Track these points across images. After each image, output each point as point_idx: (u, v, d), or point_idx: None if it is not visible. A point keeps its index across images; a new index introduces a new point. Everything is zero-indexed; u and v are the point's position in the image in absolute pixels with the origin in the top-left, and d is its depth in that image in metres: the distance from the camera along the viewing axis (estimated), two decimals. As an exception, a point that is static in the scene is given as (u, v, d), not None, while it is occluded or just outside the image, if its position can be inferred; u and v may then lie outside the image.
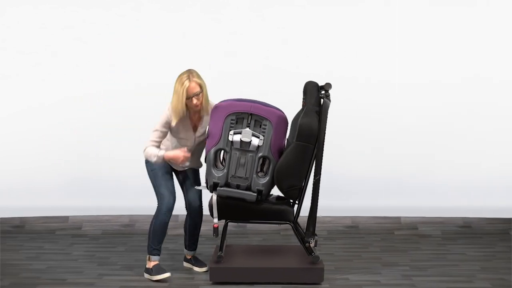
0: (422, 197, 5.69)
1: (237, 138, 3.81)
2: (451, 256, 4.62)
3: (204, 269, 4.24)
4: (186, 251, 4.32)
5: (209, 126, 3.92)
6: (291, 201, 4.02)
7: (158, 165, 4.01)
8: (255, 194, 3.87)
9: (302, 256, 4.14)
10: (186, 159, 3.92)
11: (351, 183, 5.73)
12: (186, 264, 4.35)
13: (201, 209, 4.19)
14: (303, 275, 3.90)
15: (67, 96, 5.72)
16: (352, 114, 5.71)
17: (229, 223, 5.04)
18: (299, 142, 3.80)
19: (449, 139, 5.76)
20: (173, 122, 3.92)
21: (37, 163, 5.74)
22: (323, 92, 3.88)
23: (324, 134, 3.81)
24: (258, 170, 3.89)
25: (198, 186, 4.08)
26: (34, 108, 5.73)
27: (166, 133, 3.99)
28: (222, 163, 3.97)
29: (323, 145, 3.85)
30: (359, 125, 5.74)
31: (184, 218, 4.94)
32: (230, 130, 3.83)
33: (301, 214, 4.08)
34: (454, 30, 5.66)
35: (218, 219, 3.94)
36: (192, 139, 4.05)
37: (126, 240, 5.08)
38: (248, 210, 3.92)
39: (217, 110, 3.85)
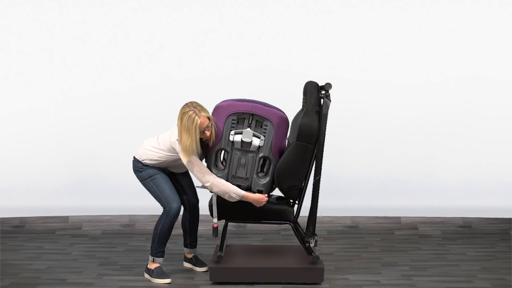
0: (422, 197, 5.69)
1: (238, 138, 3.80)
2: (451, 256, 4.62)
3: (204, 269, 4.24)
4: (186, 250, 4.31)
5: (209, 126, 3.91)
6: (291, 201, 4.02)
7: (158, 170, 3.99)
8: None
9: (302, 256, 4.13)
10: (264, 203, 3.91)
11: (351, 183, 5.73)
12: (186, 264, 4.34)
13: (198, 205, 4.20)
14: (303, 275, 3.90)
15: (67, 96, 5.72)
16: (352, 114, 5.71)
17: (229, 223, 5.07)
18: (299, 142, 3.80)
19: (449, 139, 5.76)
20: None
21: (37, 163, 5.74)
22: (323, 92, 3.87)
23: (324, 134, 3.80)
24: (259, 170, 3.88)
25: (199, 186, 4.08)
26: (34, 108, 5.74)
27: (200, 155, 3.90)
28: (222, 163, 3.96)
29: (323, 145, 3.84)
30: (359, 125, 5.74)
31: (181, 218, 4.93)
32: (231, 130, 3.82)
33: (301, 214, 4.08)
34: (454, 30, 5.66)
35: (218, 219, 3.94)
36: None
37: (126, 240, 5.08)
38: (248, 210, 3.91)
39: (218, 110, 3.84)
